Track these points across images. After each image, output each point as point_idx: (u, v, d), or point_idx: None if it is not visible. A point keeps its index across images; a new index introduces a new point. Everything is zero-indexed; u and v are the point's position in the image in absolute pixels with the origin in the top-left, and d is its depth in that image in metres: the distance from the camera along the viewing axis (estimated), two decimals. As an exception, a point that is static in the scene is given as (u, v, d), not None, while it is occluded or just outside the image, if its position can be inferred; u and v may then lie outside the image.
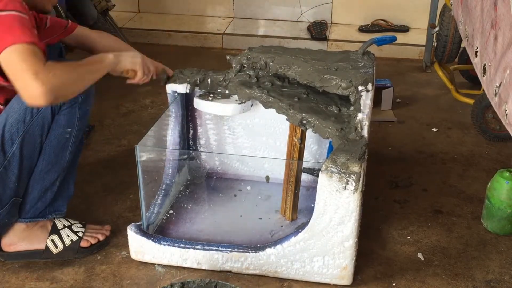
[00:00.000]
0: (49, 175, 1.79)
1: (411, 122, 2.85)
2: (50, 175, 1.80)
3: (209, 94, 2.00)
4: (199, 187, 2.18)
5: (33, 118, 1.69)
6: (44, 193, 1.82)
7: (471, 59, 1.93)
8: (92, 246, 1.90)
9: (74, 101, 1.72)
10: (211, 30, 3.94)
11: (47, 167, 1.77)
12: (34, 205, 1.82)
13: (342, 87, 1.79)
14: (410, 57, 3.66)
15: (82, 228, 1.92)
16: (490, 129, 2.63)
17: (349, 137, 1.76)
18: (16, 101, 1.69)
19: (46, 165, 1.77)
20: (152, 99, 2.97)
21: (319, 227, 1.70)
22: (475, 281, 1.83)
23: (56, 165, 1.79)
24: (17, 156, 1.70)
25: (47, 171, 1.78)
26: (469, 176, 2.39)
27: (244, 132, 2.17)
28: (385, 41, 2.08)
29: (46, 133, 1.73)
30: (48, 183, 1.80)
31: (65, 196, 1.90)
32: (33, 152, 1.73)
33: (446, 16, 2.91)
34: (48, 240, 1.86)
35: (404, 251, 1.95)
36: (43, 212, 1.85)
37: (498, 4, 1.58)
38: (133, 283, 1.80)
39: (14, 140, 1.68)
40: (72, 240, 1.88)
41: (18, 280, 1.81)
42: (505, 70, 1.49)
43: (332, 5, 4.00)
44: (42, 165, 1.77)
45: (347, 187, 1.63)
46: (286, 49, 2.01)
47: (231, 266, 1.81)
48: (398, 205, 2.20)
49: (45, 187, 1.81)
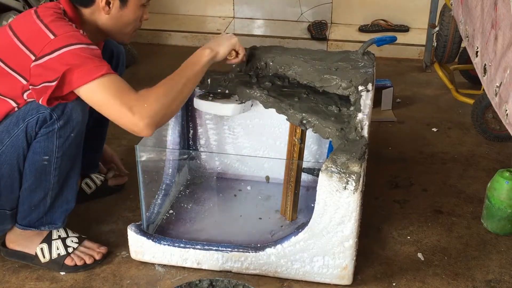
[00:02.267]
0: (35, 194, 1.74)
1: (411, 122, 2.85)
2: (37, 195, 1.74)
3: (209, 94, 2.00)
4: (199, 187, 2.18)
5: (9, 138, 1.65)
6: (35, 207, 1.77)
7: (472, 59, 1.93)
8: (77, 266, 1.84)
9: (50, 128, 1.64)
10: (211, 30, 3.94)
11: (31, 187, 1.73)
12: (27, 215, 1.78)
13: (342, 87, 1.79)
14: (410, 57, 3.66)
15: (76, 244, 1.86)
16: (490, 129, 2.63)
17: (349, 137, 1.76)
18: (5, 119, 1.66)
19: (29, 186, 1.72)
20: (152, 99, 2.97)
21: (319, 227, 1.70)
22: (475, 281, 1.83)
23: (40, 187, 1.73)
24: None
25: (32, 190, 1.73)
26: (469, 176, 2.39)
27: (244, 132, 2.17)
28: (385, 41, 2.08)
29: (22, 157, 1.68)
30: (37, 200, 1.75)
31: (64, 210, 1.82)
32: (11, 172, 1.69)
33: (446, 16, 2.91)
34: (38, 248, 1.83)
35: (404, 251, 1.95)
36: (37, 223, 1.81)
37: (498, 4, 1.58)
38: (133, 283, 1.80)
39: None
40: (59, 254, 1.83)
41: (18, 280, 1.81)
42: (505, 70, 1.48)
43: (332, 5, 4.00)
44: (26, 185, 1.72)
45: (347, 187, 1.63)
46: (286, 49, 2.01)
47: (231, 266, 1.81)
48: (398, 205, 2.20)
49: (34, 203, 1.76)
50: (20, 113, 1.65)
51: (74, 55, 1.56)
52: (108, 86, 1.56)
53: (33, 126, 1.64)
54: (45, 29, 1.60)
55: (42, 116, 1.63)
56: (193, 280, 1.57)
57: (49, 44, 1.57)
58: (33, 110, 1.63)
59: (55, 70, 1.55)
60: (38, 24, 1.62)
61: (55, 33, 1.58)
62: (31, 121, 1.64)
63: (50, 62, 1.55)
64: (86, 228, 2.00)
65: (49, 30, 1.59)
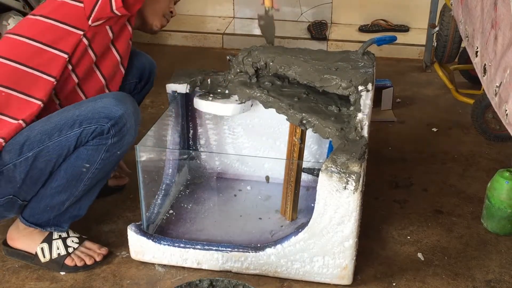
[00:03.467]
0: (58, 196, 1.74)
1: (411, 122, 2.85)
2: (60, 197, 1.75)
3: (209, 94, 2.00)
4: (199, 187, 2.18)
5: (59, 137, 1.66)
6: (50, 209, 1.77)
7: (472, 59, 1.93)
8: (77, 266, 1.84)
9: (104, 141, 1.68)
10: (211, 30, 3.94)
11: (58, 189, 1.73)
12: (37, 214, 1.78)
13: (342, 87, 1.79)
14: (410, 57, 3.66)
15: (76, 244, 1.86)
16: (490, 129, 2.63)
17: (349, 137, 1.76)
18: (56, 114, 1.68)
19: (57, 186, 1.73)
20: (152, 99, 2.97)
21: (319, 227, 1.70)
22: (475, 281, 1.83)
23: (67, 190, 1.74)
24: (28, 162, 1.66)
25: (57, 191, 1.73)
26: (469, 176, 2.39)
27: (244, 132, 2.17)
28: (385, 41, 2.08)
29: (63, 157, 1.68)
30: (56, 203, 1.76)
31: (73, 216, 1.83)
32: (45, 168, 1.69)
33: (446, 16, 2.91)
34: (38, 247, 1.83)
35: (404, 251, 1.95)
36: (44, 223, 1.81)
37: (498, 4, 1.58)
38: (133, 283, 1.80)
39: (33, 147, 1.65)
40: (60, 254, 1.83)
41: (18, 280, 1.81)
42: (505, 70, 1.48)
43: (332, 5, 4.00)
44: (53, 184, 1.72)
45: (347, 187, 1.63)
46: (286, 49, 2.01)
47: (231, 266, 1.81)
48: (398, 205, 2.20)
49: (52, 205, 1.76)
50: (79, 117, 1.66)
51: None
52: None
53: (88, 134, 1.66)
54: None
55: (101, 128, 1.65)
56: (193, 280, 1.57)
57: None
58: (93, 119, 1.65)
59: None
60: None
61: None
62: (88, 129, 1.65)
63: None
64: (86, 228, 2.00)
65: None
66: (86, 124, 1.65)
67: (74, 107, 1.70)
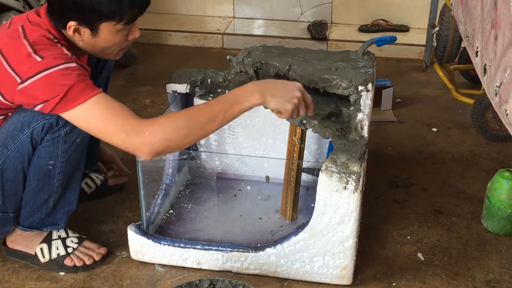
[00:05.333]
0: (38, 197, 1.75)
1: (411, 122, 2.85)
2: (40, 197, 1.75)
3: (209, 94, 2.00)
4: (199, 187, 2.18)
5: (14, 143, 1.65)
6: (38, 209, 1.78)
7: (472, 59, 1.93)
8: (76, 267, 1.84)
9: (56, 134, 1.65)
10: (211, 30, 3.94)
11: (34, 190, 1.73)
12: (28, 217, 1.79)
13: (342, 87, 1.78)
14: (410, 57, 3.65)
15: (76, 244, 1.86)
16: (490, 129, 2.63)
17: (349, 137, 1.76)
18: (5, 124, 1.67)
19: (32, 189, 1.73)
20: (152, 99, 2.97)
21: (319, 227, 1.70)
22: (475, 281, 1.83)
23: (43, 190, 1.74)
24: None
25: (35, 193, 1.74)
26: (469, 176, 2.39)
27: (244, 132, 2.17)
28: (385, 41, 2.07)
29: (27, 161, 1.68)
30: (39, 203, 1.76)
31: (65, 211, 1.84)
32: (15, 177, 1.69)
33: (446, 16, 2.91)
34: (38, 248, 1.83)
35: (404, 251, 1.95)
36: (40, 224, 1.81)
37: (498, 4, 1.58)
38: (133, 283, 1.80)
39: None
40: (59, 254, 1.83)
41: (18, 280, 1.81)
42: (505, 70, 1.48)
43: (332, 5, 4.00)
44: (28, 188, 1.73)
45: (347, 187, 1.63)
46: (286, 49, 2.01)
47: (231, 266, 1.81)
48: (398, 205, 2.20)
49: (37, 206, 1.77)
50: (25, 118, 1.64)
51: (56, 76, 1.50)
52: (99, 107, 1.52)
53: (39, 132, 1.64)
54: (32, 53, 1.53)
55: (49, 122, 1.63)
56: (193, 280, 1.57)
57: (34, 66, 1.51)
58: (38, 116, 1.62)
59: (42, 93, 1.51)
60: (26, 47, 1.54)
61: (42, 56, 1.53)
62: (37, 126, 1.63)
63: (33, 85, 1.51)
64: (86, 228, 2.00)
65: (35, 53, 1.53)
66: (34, 123, 1.63)
67: (18, 112, 1.66)
